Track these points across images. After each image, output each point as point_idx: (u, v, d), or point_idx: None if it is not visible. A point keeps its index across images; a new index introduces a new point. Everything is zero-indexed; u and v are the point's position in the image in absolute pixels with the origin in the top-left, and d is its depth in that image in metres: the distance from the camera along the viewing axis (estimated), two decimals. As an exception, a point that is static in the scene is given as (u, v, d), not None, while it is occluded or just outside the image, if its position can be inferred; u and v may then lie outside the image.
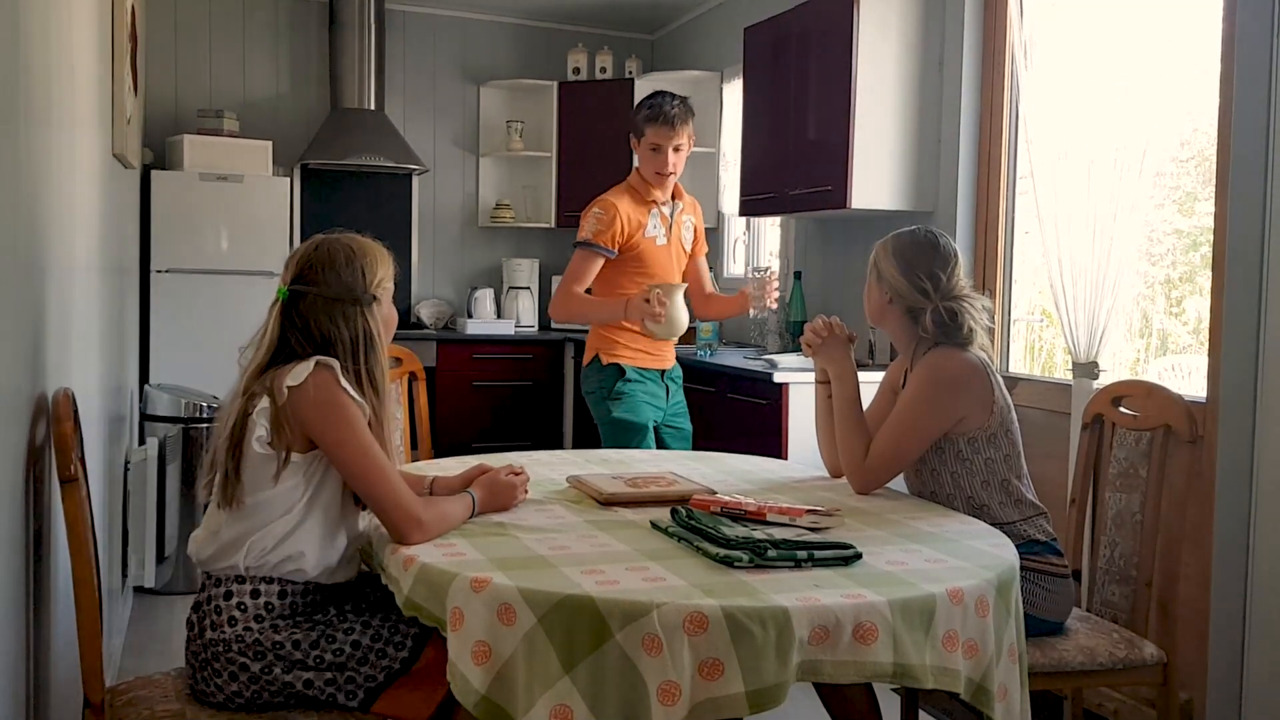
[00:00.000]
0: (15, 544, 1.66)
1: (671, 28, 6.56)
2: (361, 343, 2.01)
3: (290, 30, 6.10)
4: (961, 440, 2.40)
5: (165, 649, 3.69)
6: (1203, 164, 3.26)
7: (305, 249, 2.06)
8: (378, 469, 1.93)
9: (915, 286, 2.45)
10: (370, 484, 1.93)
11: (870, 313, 2.57)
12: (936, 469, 2.45)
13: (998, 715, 1.83)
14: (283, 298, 2.01)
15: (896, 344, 2.59)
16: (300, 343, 1.99)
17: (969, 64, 4.00)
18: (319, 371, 1.92)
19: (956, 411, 2.38)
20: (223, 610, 1.94)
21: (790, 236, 5.15)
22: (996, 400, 2.40)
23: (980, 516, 2.37)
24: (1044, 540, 2.39)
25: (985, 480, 2.40)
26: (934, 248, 2.47)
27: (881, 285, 2.51)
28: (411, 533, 1.92)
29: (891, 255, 2.49)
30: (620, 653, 1.61)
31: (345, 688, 1.93)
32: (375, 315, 2.04)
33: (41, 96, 1.91)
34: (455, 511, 2.06)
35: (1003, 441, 2.41)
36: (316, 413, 1.90)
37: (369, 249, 2.07)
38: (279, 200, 5.46)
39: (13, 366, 1.64)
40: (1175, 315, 3.48)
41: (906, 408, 2.41)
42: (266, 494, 1.93)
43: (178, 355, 5.18)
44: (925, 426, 2.39)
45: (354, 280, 2.02)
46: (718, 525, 1.97)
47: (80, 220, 2.54)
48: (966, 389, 2.39)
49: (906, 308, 2.48)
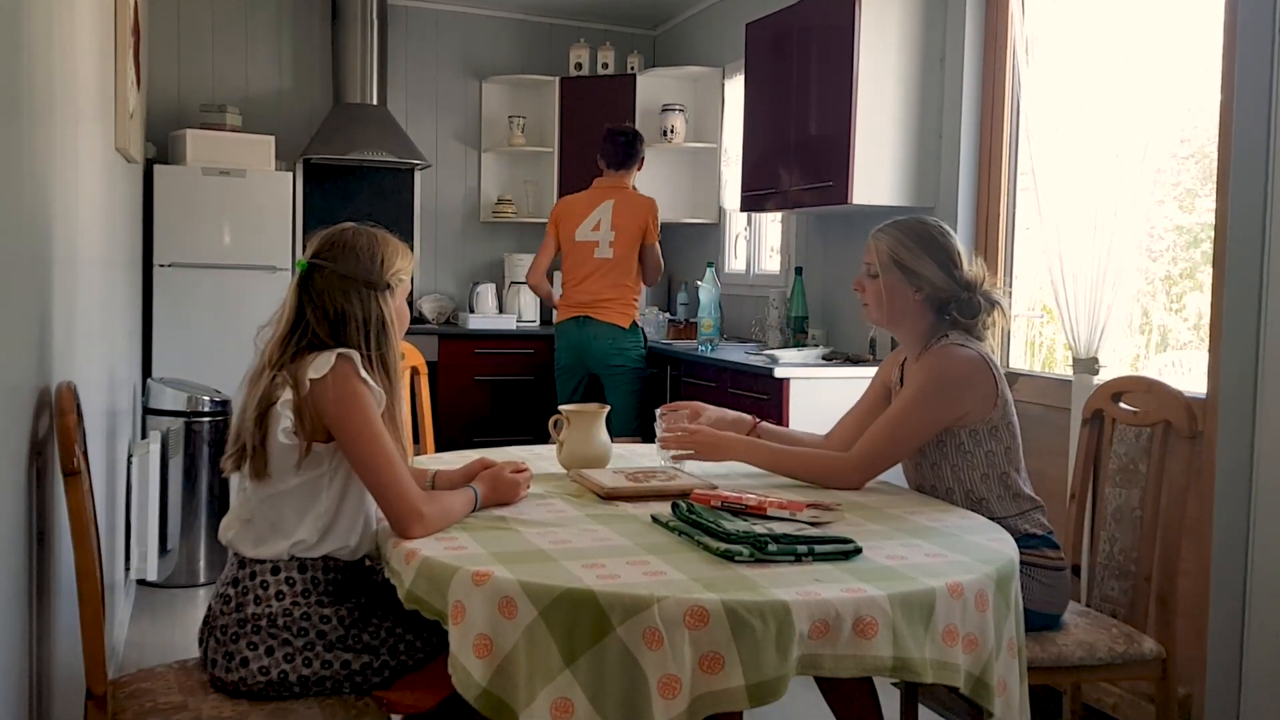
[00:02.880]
0: (18, 536, 1.67)
1: (673, 23, 6.56)
2: (374, 327, 2.04)
3: (293, 25, 6.11)
4: (963, 432, 2.39)
5: (168, 642, 3.70)
6: (1203, 160, 3.26)
7: (332, 229, 2.11)
8: (386, 460, 1.95)
9: (951, 277, 2.42)
10: (377, 475, 1.95)
11: (889, 311, 2.46)
12: (937, 462, 2.44)
13: (997, 709, 1.84)
14: (301, 270, 2.05)
15: (911, 340, 2.49)
16: (316, 318, 2.02)
17: (970, 60, 4.00)
18: (340, 363, 1.95)
19: (959, 409, 2.37)
20: (270, 585, 1.97)
21: (791, 232, 5.16)
22: (999, 394, 2.39)
23: (978, 510, 2.37)
24: (1041, 534, 2.40)
25: (985, 474, 2.40)
26: (948, 234, 2.46)
27: (909, 279, 2.42)
28: (413, 526, 1.94)
29: (918, 248, 2.41)
30: (621, 646, 1.62)
31: (381, 673, 1.99)
32: (388, 302, 2.07)
33: (44, 91, 1.92)
34: (457, 506, 2.07)
35: (1004, 434, 2.41)
36: (335, 405, 1.93)
37: (391, 241, 2.12)
38: (281, 195, 5.47)
39: (16, 360, 1.64)
40: (1176, 311, 3.48)
41: (907, 405, 2.38)
42: (294, 482, 1.97)
43: (180, 349, 5.18)
44: (924, 423, 2.37)
45: (371, 264, 2.05)
46: (718, 519, 1.98)
47: (83, 215, 2.55)
48: (970, 386, 2.37)
49: (937, 300, 2.43)
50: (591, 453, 2.55)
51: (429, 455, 2.95)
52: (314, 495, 1.99)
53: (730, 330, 5.55)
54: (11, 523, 1.60)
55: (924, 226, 2.46)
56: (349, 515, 2.03)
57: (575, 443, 2.55)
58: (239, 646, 1.95)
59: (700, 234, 6.20)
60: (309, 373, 1.94)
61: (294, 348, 2.01)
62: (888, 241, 2.44)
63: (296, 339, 2.02)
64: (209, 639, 2.00)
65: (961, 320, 2.42)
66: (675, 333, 5.51)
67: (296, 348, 2.01)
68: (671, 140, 5.97)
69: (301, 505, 1.99)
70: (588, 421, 2.56)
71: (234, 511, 2.07)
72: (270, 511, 1.99)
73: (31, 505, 1.79)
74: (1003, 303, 2.46)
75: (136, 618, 3.96)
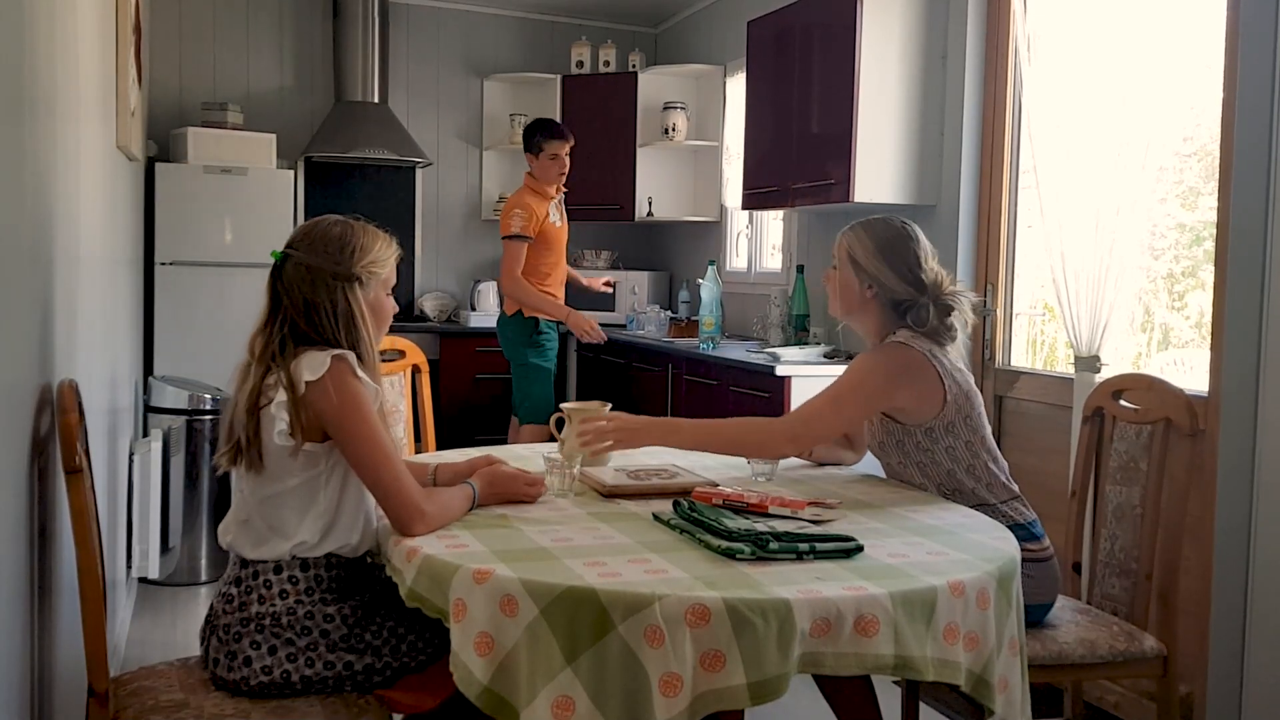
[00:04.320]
0: (20, 534, 1.67)
1: (675, 21, 6.55)
2: (343, 320, 2.01)
3: (294, 23, 6.10)
4: (919, 431, 2.40)
5: (169, 639, 3.70)
6: (1205, 158, 3.25)
7: (312, 220, 2.10)
8: (385, 459, 1.95)
9: (905, 280, 2.44)
10: (377, 474, 1.94)
11: (843, 304, 2.53)
12: (902, 460, 2.47)
13: (998, 707, 1.84)
14: (275, 259, 2.04)
15: (868, 335, 2.54)
16: (294, 308, 2.00)
17: (972, 58, 4.00)
18: (335, 365, 1.94)
19: (889, 400, 2.39)
20: (273, 584, 1.97)
21: (793, 230, 5.15)
22: (948, 393, 2.37)
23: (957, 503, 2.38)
24: (1022, 524, 2.38)
25: (950, 469, 2.41)
26: (911, 239, 2.47)
27: (860, 277, 2.47)
28: (414, 524, 1.94)
29: (874, 248, 2.46)
30: (622, 644, 1.62)
31: (383, 673, 1.99)
32: (357, 295, 2.03)
33: (46, 89, 1.92)
34: (456, 503, 2.07)
35: (962, 429, 2.40)
36: (334, 408, 1.92)
37: (368, 233, 2.09)
38: (282, 193, 5.47)
39: (18, 358, 1.64)
40: (1177, 309, 3.48)
41: (841, 384, 2.41)
42: (292, 483, 1.97)
43: (181, 347, 5.19)
44: (854, 402, 2.39)
45: (339, 254, 2.02)
46: (719, 517, 1.98)
47: (85, 212, 2.55)
48: (903, 382, 2.37)
49: (890, 300, 2.46)
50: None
51: (430, 453, 2.95)
52: (312, 496, 1.99)
53: (731, 328, 5.55)
54: (13, 520, 1.60)
55: (887, 228, 2.49)
56: (349, 513, 2.02)
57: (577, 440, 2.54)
58: (241, 646, 1.94)
59: (702, 232, 6.20)
60: (304, 374, 1.93)
61: (276, 337, 2.00)
62: (849, 238, 2.52)
63: (276, 329, 2.00)
64: (210, 638, 1.99)
65: (921, 324, 2.42)
66: (676, 331, 5.51)
67: (280, 335, 1.99)
68: (673, 138, 5.97)
69: (301, 506, 1.98)
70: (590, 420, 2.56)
71: (232, 513, 2.06)
72: (269, 513, 1.99)
73: (33, 503, 1.80)
74: (959, 305, 2.44)
75: (138, 615, 3.97)
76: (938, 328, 2.42)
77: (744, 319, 5.49)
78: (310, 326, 2.00)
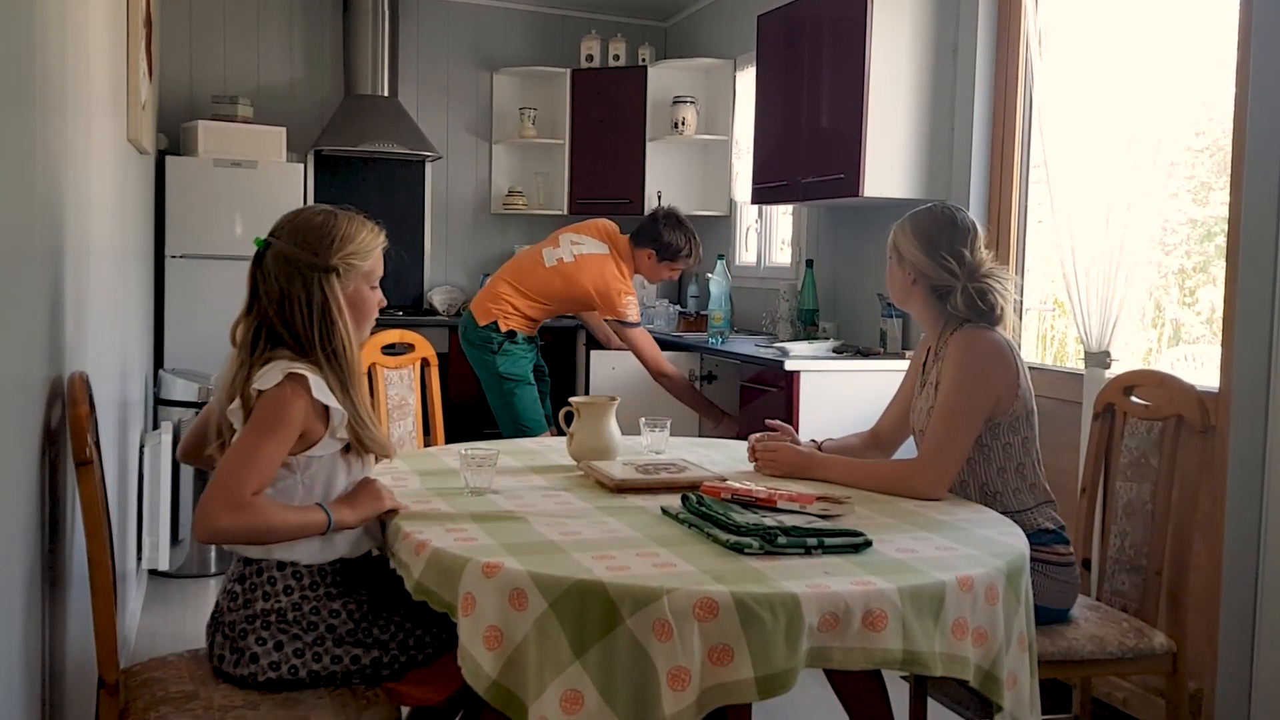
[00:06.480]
0: (31, 526, 1.68)
1: (685, 15, 6.54)
2: (317, 314, 1.96)
3: (304, 17, 6.11)
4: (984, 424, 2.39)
5: (179, 631, 3.72)
6: (1217, 154, 3.24)
7: (297, 208, 2.07)
8: (246, 456, 1.85)
9: (940, 266, 2.42)
10: (228, 459, 1.87)
11: (895, 295, 2.56)
12: None
13: (1007, 703, 1.83)
14: (258, 247, 2.01)
15: (923, 325, 2.56)
16: (268, 299, 1.97)
17: (983, 52, 3.99)
18: (287, 383, 1.88)
19: (995, 389, 2.35)
20: (277, 580, 1.96)
21: (802, 225, 5.15)
22: (1021, 383, 2.39)
23: (992, 505, 2.37)
24: (1053, 529, 2.39)
25: (1001, 467, 2.39)
26: (952, 223, 2.45)
27: (904, 267, 2.48)
28: (222, 513, 1.82)
29: (912, 235, 2.46)
30: (631, 638, 1.62)
31: (391, 667, 1.98)
32: (334, 287, 1.98)
33: (57, 82, 1.92)
34: (291, 520, 1.91)
35: (1023, 426, 2.40)
36: (257, 412, 1.88)
37: (353, 223, 2.04)
38: (292, 186, 5.48)
39: (29, 350, 1.65)
40: (1189, 305, 3.47)
41: (951, 393, 2.35)
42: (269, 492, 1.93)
43: (191, 340, 5.20)
44: (973, 407, 2.34)
45: (317, 244, 1.98)
46: (728, 512, 1.98)
47: (95, 206, 2.55)
48: (1003, 365, 2.36)
49: (932, 287, 2.45)
50: (601, 444, 2.55)
51: (439, 446, 2.96)
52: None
53: (741, 323, 5.55)
54: (24, 512, 1.61)
55: (929, 216, 2.49)
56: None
57: (585, 435, 2.56)
58: (247, 642, 1.94)
59: (711, 226, 6.19)
60: (255, 384, 1.89)
61: (253, 326, 1.98)
62: (896, 230, 2.52)
63: (254, 319, 1.98)
64: (216, 634, 1.99)
65: (959, 309, 2.42)
66: (686, 325, 5.51)
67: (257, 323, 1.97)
68: (682, 132, 5.97)
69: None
70: (598, 414, 2.57)
71: None
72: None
73: (44, 495, 1.80)
74: (993, 285, 2.42)
75: (148, 607, 3.98)
76: (981, 310, 2.41)
77: (753, 313, 5.48)
78: (282, 320, 1.96)
